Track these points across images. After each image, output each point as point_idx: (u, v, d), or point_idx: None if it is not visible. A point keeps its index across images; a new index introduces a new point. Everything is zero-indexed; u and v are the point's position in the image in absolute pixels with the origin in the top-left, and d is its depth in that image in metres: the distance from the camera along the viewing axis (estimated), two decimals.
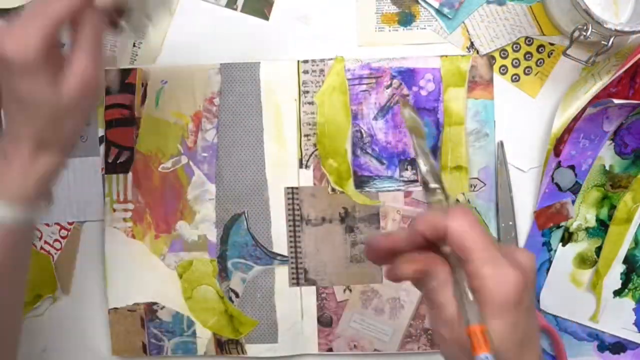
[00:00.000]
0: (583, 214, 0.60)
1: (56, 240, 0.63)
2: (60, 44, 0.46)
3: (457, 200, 0.60)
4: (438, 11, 0.61)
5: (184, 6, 0.63)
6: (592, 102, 0.57)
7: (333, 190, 0.61)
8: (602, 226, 0.60)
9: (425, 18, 0.62)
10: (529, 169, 0.61)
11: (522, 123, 0.61)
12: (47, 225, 0.63)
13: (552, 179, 0.60)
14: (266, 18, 0.63)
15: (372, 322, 0.61)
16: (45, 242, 0.63)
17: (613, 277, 0.60)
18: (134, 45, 0.63)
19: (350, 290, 0.61)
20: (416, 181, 0.61)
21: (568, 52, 0.57)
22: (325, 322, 0.61)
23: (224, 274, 0.62)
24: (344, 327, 0.61)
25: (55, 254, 0.63)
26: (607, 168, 0.60)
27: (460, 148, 0.60)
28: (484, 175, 0.61)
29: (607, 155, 0.60)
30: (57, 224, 0.63)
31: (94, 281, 0.63)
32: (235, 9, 0.63)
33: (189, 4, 0.63)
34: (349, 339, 0.61)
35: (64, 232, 0.63)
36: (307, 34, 0.62)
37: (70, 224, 0.63)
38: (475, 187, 0.61)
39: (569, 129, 0.59)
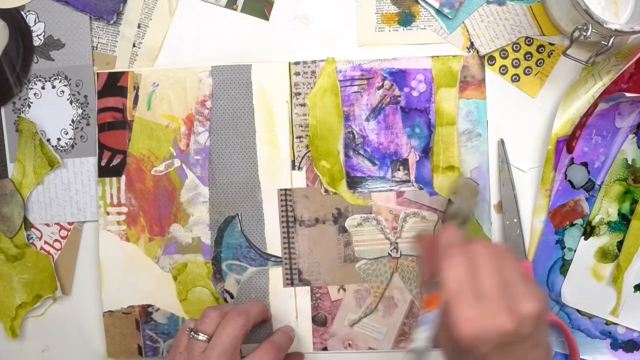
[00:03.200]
0: (605, 208, 0.59)
1: (56, 240, 0.64)
2: None
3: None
4: (438, 11, 0.60)
5: (184, 6, 0.63)
6: (603, 97, 0.55)
7: (326, 191, 0.61)
8: (624, 220, 0.59)
9: (425, 18, 0.60)
10: (529, 169, 0.60)
11: (522, 123, 0.60)
12: (47, 225, 0.64)
13: (565, 176, 0.59)
14: (266, 18, 0.62)
15: (366, 320, 0.62)
16: (45, 242, 0.64)
17: (634, 271, 0.59)
18: (133, 46, 0.63)
19: (344, 290, 0.62)
20: (408, 181, 0.60)
21: (568, 52, 0.56)
22: (319, 321, 0.62)
23: (218, 275, 0.62)
24: (338, 326, 0.62)
25: (55, 254, 0.64)
26: (630, 162, 0.58)
27: (452, 148, 0.59)
28: (476, 175, 0.60)
29: (629, 150, 0.58)
30: (57, 224, 0.64)
31: (93, 282, 0.64)
32: (235, 9, 0.62)
33: (189, 4, 0.63)
34: (343, 337, 0.62)
35: (64, 232, 0.64)
36: (307, 34, 0.62)
37: (70, 224, 0.64)
38: None
39: (581, 125, 0.57)
